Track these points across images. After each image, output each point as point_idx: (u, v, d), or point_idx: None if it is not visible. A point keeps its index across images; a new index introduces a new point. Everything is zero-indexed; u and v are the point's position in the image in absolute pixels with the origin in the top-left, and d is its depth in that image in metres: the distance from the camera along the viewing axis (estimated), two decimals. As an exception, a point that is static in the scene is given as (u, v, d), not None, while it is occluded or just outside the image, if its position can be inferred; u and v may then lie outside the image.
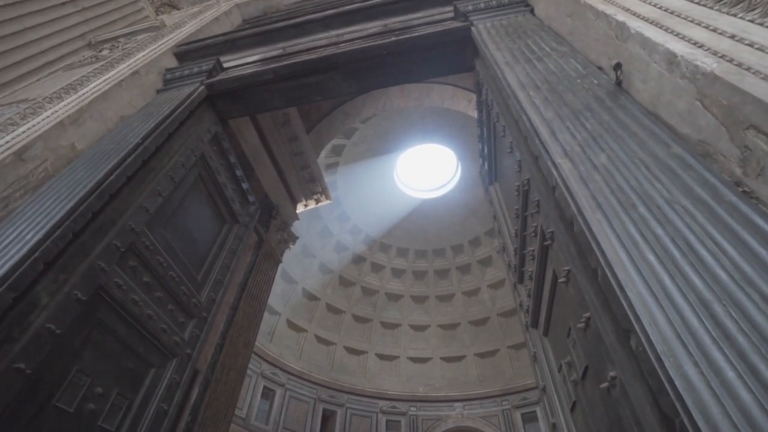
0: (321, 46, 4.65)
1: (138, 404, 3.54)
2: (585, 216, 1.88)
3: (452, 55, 4.42)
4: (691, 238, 1.65)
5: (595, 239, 1.78)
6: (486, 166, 4.76)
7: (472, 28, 4.09)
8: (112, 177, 3.33)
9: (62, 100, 3.96)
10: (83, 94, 4.02)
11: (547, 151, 2.33)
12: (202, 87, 4.57)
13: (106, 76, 4.33)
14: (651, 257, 1.63)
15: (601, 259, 1.72)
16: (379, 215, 16.44)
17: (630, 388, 1.69)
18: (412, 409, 14.91)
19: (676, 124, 2.22)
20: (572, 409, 2.75)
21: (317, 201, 8.79)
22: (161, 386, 3.79)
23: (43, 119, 3.65)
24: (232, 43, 5.01)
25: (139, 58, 4.71)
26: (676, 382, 1.26)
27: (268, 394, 13.68)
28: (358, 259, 16.72)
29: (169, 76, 4.81)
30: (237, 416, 12.36)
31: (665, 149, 2.09)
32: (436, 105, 9.52)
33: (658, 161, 2.03)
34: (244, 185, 5.38)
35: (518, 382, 14.74)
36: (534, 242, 2.97)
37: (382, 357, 16.08)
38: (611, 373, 1.81)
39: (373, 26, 4.69)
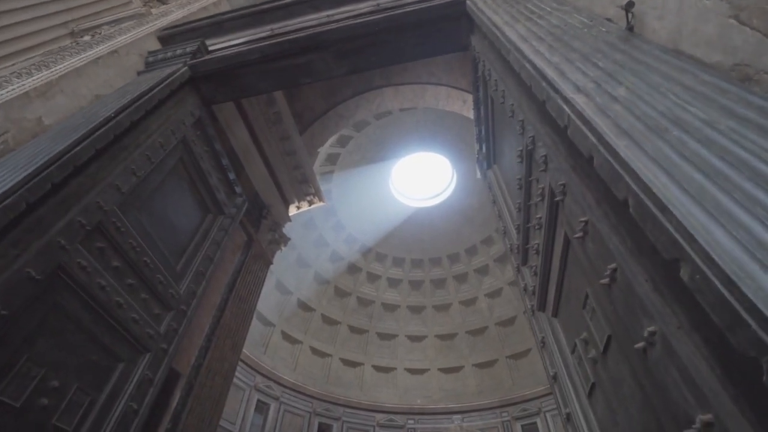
0: (311, 26, 4.38)
1: (102, 402, 3.11)
2: (608, 142, 1.55)
3: (446, 33, 4.15)
4: (745, 155, 1.32)
5: (624, 164, 1.45)
6: (484, 149, 4.45)
7: (467, 1, 3.83)
8: (78, 148, 2.98)
9: (32, 76, 3.64)
10: (55, 70, 3.70)
11: (556, 90, 2.02)
12: (185, 68, 4.27)
13: (82, 56, 4.02)
14: (697, 176, 1.29)
15: (634, 184, 1.38)
16: (374, 224, 16.08)
17: (677, 340, 1.33)
18: (410, 421, 14.27)
19: (703, 54, 1.91)
20: (590, 394, 2.36)
21: (310, 203, 8.44)
22: (131, 383, 3.37)
23: (7, 91, 3.32)
24: (219, 26, 4.74)
25: (119, 40, 4.42)
26: (761, 306, 0.91)
27: (262, 407, 13.05)
28: (353, 269, 16.27)
29: (151, 59, 4.51)
30: (229, 431, 11.72)
31: (693, 78, 1.77)
32: (430, 106, 9.29)
33: (687, 89, 1.71)
34: (231, 175, 5.03)
35: (518, 393, 14.17)
36: (540, 209, 2.63)
37: (378, 369, 15.49)
38: (649, 329, 1.45)
39: (365, 6, 4.43)
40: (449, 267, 16.74)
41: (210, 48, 4.61)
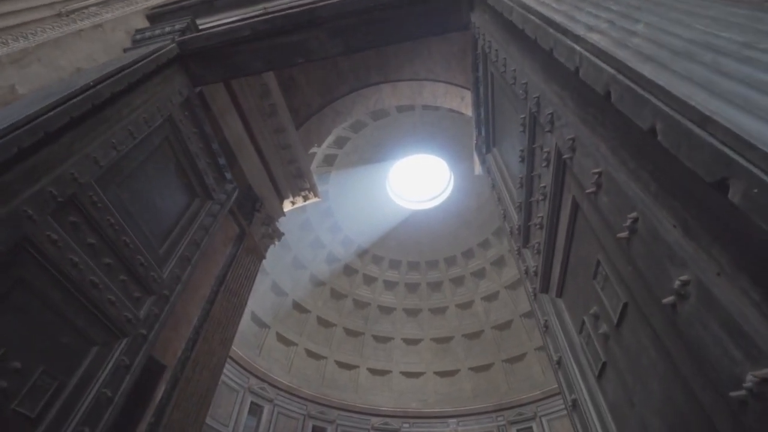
0: (305, 3, 4.19)
1: (72, 387, 2.84)
2: (630, 67, 1.33)
3: (445, 11, 3.96)
4: (795, 69, 1.10)
5: (650, 84, 1.23)
6: (483, 133, 4.24)
7: (466, -25, 3.65)
8: (50, 114, 2.75)
9: (7, 46, 3.42)
10: (33, 40, 3.48)
11: (565, 31, 1.81)
12: (173, 44, 4.06)
13: (64, 29, 3.81)
14: (741, 88, 1.08)
15: (665, 104, 1.17)
16: (371, 226, 15.83)
17: (718, 288, 1.10)
18: (404, 425, 13.90)
19: (729, -10, 1.71)
20: (600, 375, 2.12)
21: (305, 198, 8.20)
22: (105, 368, 3.10)
23: (-20, 58, 3.10)
24: (210, 4, 4.54)
25: (105, 17, 4.21)
26: None
27: (255, 410, 12.68)
28: (350, 271, 15.99)
29: (138, 37, 4.30)
30: (221, 433, 11.35)
31: (722, 10, 1.56)
32: (428, 103, 9.11)
33: (716, 20, 1.50)
34: (221, 160, 4.80)
35: (513, 397, 13.85)
36: (545, 176, 2.41)
37: (374, 372, 15.14)
38: (681, 278, 1.22)
39: (361, -16, 4.25)
40: (446, 270, 16.48)
41: (200, 27, 4.40)
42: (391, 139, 14.25)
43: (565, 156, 2.01)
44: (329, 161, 14.16)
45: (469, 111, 8.60)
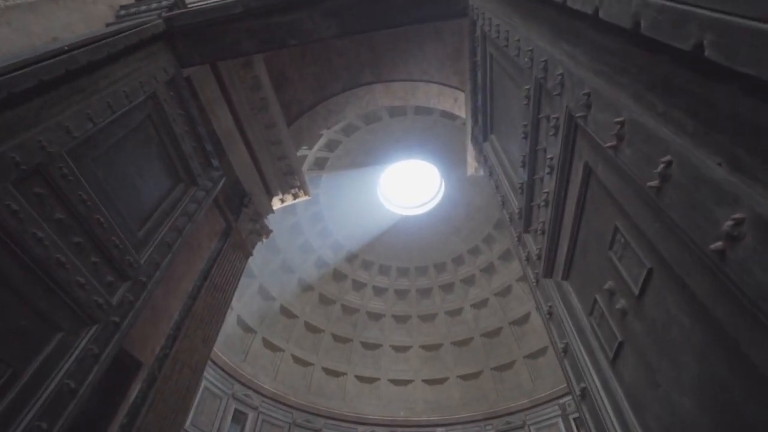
0: (299, -16, 4.01)
1: (29, 376, 2.54)
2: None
3: (443, -6, 3.83)
4: None
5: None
6: (480, 121, 4.07)
7: (466, -45, 3.52)
8: (15, 73, 2.50)
9: (-20, 10, 3.16)
10: (4, 3, 3.23)
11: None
12: (160, 20, 3.85)
13: (44, -2, 3.56)
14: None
15: (715, 12, 0.99)
16: (361, 231, 15.58)
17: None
18: (392, 434, 13.49)
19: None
20: (615, 358, 1.91)
21: (295, 196, 7.96)
22: (70, 357, 2.80)
23: (-56, 17, 2.84)
24: (200, -17, 4.36)
25: (89, -9, 3.98)
26: None
27: (239, 417, 12.18)
28: (339, 276, 15.68)
29: (123, 12, 4.08)
30: (203, 441, 10.84)
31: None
32: (421, 104, 8.99)
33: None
34: (207, 146, 4.56)
35: (502, 406, 13.57)
36: (552, 146, 2.23)
37: (361, 379, 14.74)
38: (734, 217, 1.03)
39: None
40: (435, 276, 16.26)
41: (189, 4, 4.20)
42: (383, 143, 14.10)
43: (578, 115, 1.83)
44: (320, 164, 13.94)
45: (462, 112, 8.49)
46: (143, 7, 4.03)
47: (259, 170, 7.06)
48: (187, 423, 10.35)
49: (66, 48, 2.86)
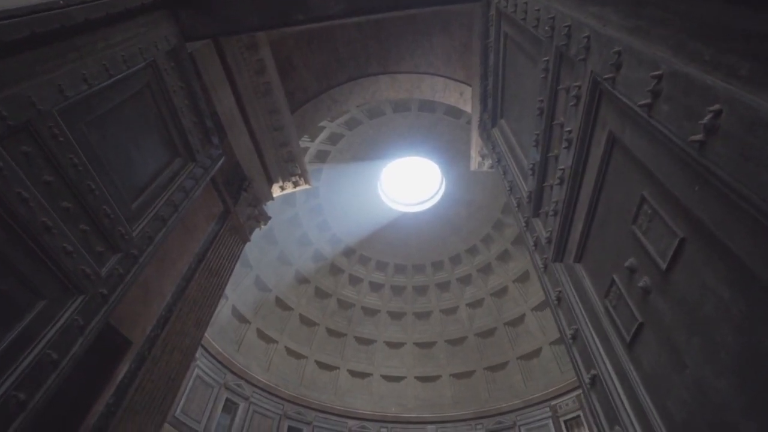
0: (308, -44, 3.86)
1: (7, 344, 2.37)
2: None
3: (456, -28, 3.68)
4: None
5: None
6: (490, 105, 3.93)
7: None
8: (7, 20, 2.34)
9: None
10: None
11: None
12: (163, -13, 3.69)
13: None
14: None
15: None
16: (360, 226, 15.43)
17: None
18: (382, 430, 13.36)
19: None
20: (632, 341, 1.77)
21: (295, 184, 7.79)
22: (53, 327, 2.64)
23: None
24: (206, -46, 4.20)
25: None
26: None
27: (230, 407, 12.00)
28: (336, 270, 15.52)
29: (125, -21, 3.91)
30: (193, 429, 10.66)
31: None
32: (426, 97, 8.84)
33: None
34: (208, 122, 4.39)
35: (493, 405, 13.45)
36: (572, 119, 2.08)
37: (354, 374, 14.58)
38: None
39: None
40: (432, 274, 16.12)
41: (195, -25, 4.04)
42: (386, 138, 13.95)
43: (605, 77, 1.68)
44: (321, 157, 13.77)
45: (468, 107, 8.35)
46: (146, -25, 3.87)
47: (260, 155, 6.90)
48: (178, 411, 10.18)
49: (62, 2, 2.70)
